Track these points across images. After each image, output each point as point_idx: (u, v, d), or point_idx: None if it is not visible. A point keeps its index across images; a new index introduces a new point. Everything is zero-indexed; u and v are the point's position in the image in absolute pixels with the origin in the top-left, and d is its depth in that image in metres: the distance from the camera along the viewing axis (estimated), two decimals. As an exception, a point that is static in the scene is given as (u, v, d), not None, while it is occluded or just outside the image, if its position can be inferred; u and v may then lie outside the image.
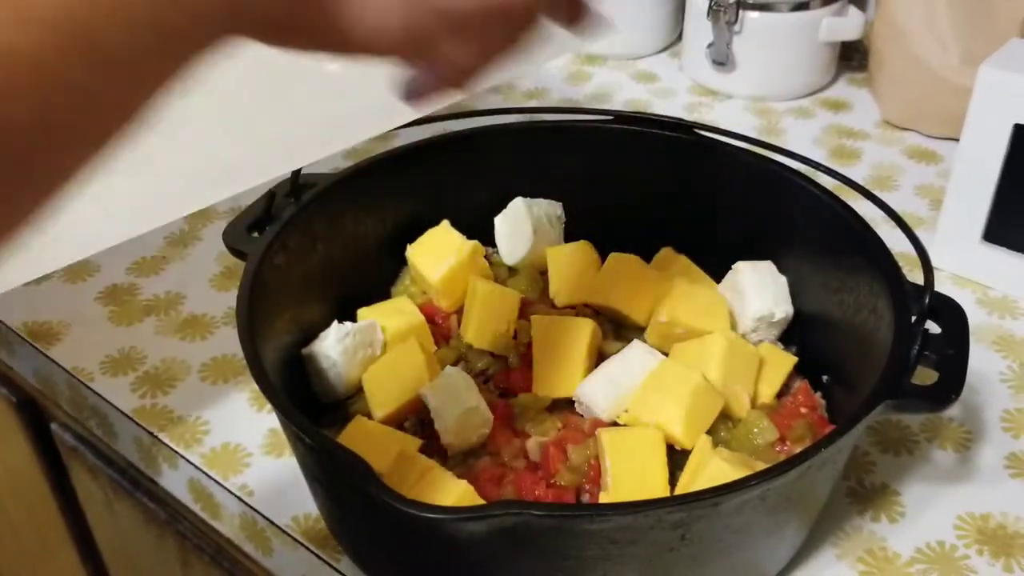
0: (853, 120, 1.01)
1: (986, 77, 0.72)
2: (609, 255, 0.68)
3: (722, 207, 0.69)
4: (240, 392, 0.68)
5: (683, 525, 0.46)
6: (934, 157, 0.95)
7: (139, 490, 0.78)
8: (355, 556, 0.57)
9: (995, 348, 0.72)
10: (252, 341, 0.52)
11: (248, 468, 0.63)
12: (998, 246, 0.76)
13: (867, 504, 0.60)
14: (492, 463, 0.56)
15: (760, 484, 0.45)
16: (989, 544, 0.58)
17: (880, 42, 0.99)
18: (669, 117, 0.70)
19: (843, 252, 0.61)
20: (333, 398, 0.62)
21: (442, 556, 0.50)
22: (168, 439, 0.65)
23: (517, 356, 0.63)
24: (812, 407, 0.60)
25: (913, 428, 0.65)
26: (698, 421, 0.56)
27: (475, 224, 0.70)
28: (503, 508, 0.43)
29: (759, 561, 0.53)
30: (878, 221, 0.61)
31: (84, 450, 0.82)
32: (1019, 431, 0.65)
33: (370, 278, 0.68)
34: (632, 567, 0.47)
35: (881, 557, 0.57)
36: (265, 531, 0.61)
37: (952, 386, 0.50)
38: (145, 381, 0.69)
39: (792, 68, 1.03)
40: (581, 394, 0.59)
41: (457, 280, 0.66)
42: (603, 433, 0.55)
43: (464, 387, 0.57)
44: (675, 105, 1.05)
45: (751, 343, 0.63)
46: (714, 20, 1.01)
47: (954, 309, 0.55)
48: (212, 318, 0.75)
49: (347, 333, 0.61)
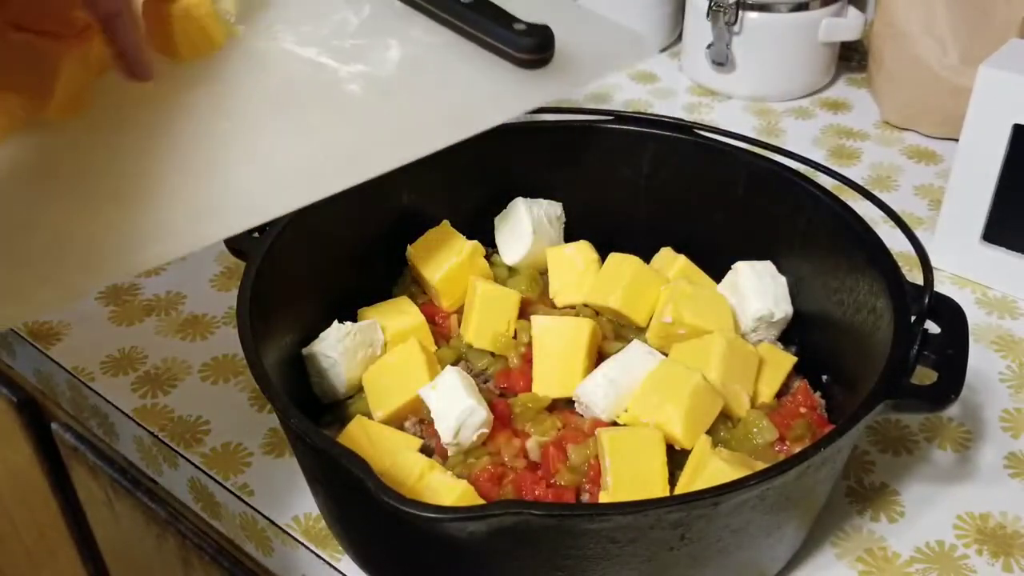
0: (852, 120, 1.01)
1: (985, 77, 0.72)
2: (609, 255, 0.68)
3: (722, 207, 0.69)
4: (240, 392, 0.68)
5: (683, 524, 0.46)
6: (933, 157, 0.95)
7: (139, 490, 0.78)
8: (355, 556, 0.57)
9: (995, 348, 0.72)
10: (252, 341, 0.53)
11: (248, 468, 0.63)
12: (997, 246, 0.76)
13: (867, 504, 0.60)
14: (492, 463, 0.56)
15: (759, 484, 0.45)
16: (988, 544, 0.58)
17: (879, 42, 0.99)
18: (669, 117, 0.70)
19: (843, 252, 0.61)
20: (333, 398, 0.62)
21: (442, 556, 0.50)
22: (168, 439, 0.65)
23: (517, 356, 0.63)
24: (812, 407, 0.60)
25: (913, 428, 0.65)
26: (698, 421, 0.56)
27: (475, 224, 0.70)
28: (503, 508, 0.43)
29: (759, 560, 0.53)
30: (878, 221, 0.61)
31: (85, 450, 0.82)
32: (1018, 431, 0.65)
33: (370, 278, 0.69)
34: (632, 566, 0.47)
35: (880, 557, 0.57)
36: (265, 531, 0.61)
37: (951, 386, 0.51)
38: (145, 381, 0.69)
39: (791, 68, 1.04)
40: (581, 394, 0.59)
41: (457, 280, 0.66)
42: (603, 433, 0.55)
43: (464, 387, 0.57)
44: (675, 105, 1.05)
45: (751, 343, 0.63)
46: (714, 21, 1.01)
47: (954, 309, 0.55)
48: (212, 318, 0.75)
49: (347, 333, 0.61)
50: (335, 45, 0.65)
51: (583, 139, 0.71)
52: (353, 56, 0.64)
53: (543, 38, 0.62)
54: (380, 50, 0.65)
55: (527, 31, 0.62)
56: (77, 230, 0.51)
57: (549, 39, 0.63)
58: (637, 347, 0.61)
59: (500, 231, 0.71)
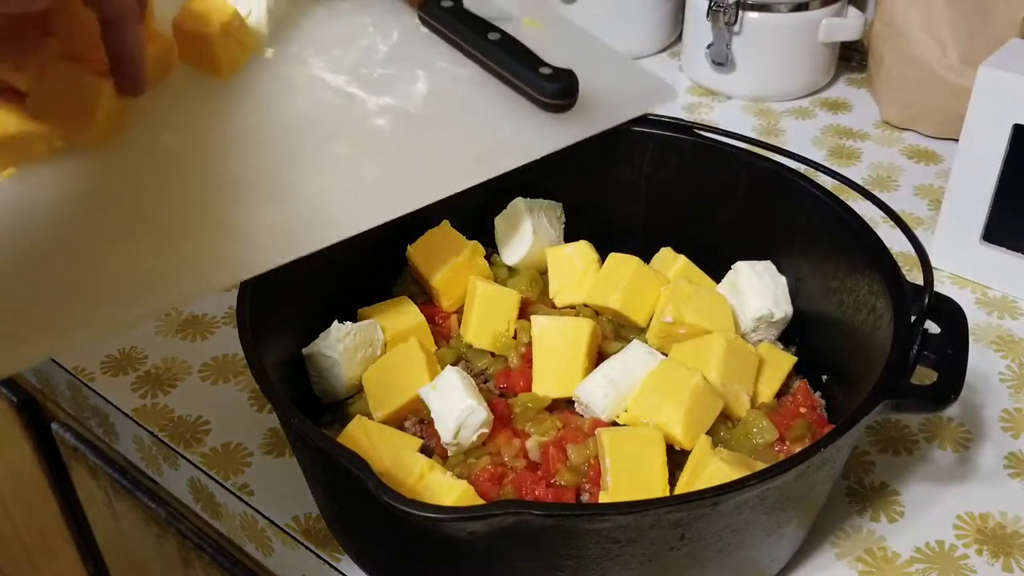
0: (852, 120, 1.01)
1: (985, 77, 0.72)
2: (609, 255, 0.68)
3: (722, 207, 0.69)
4: (240, 392, 0.68)
5: (683, 524, 0.46)
6: (933, 157, 0.95)
7: (140, 490, 0.78)
8: (355, 556, 0.57)
9: (994, 348, 0.72)
10: (252, 341, 0.53)
11: (248, 468, 0.63)
12: (997, 246, 0.76)
13: (866, 504, 0.60)
14: (492, 463, 0.56)
15: (759, 484, 0.45)
16: (988, 544, 0.58)
17: (879, 42, 0.99)
18: (669, 117, 0.70)
19: (843, 252, 0.61)
20: (333, 398, 0.62)
21: (442, 556, 0.50)
22: (168, 439, 0.65)
23: (517, 356, 0.63)
24: (811, 407, 0.60)
25: (912, 428, 0.66)
26: (698, 422, 0.56)
27: (475, 224, 0.70)
28: (503, 508, 0.43)
29: (759, 560, 0.53)
30: (878, 221, 0.61)
31: (85, 450, 0.82)
32: (1018, 431, 0.65)
33: (370, 278, 0.68)
34: (632, 566, 0.47)
35: (880, 557, 0.57)
36: (265, 531, 0.61)
37: (951, 386, 0.51)
38: (146, 381, 0.69)
39: (791, 68, 1.04)
40: (581, 394, 0.59)
41: (457, 280, 0.66)
42: (603, 433, 0.55)
43: (464, 387, 0.57)
44: (675, 105, 1.05)
45: (751, 343, 0.63)
46: (714, 21, 1.01)
47: (953, 309, 0.55)
48: (212, 318, 0.75)
49: (347, 333, 0.61)
50: (363, 74, 0.65)
51: (583, 139, 0.71)
52: (382, 87, 0.64)
53: (568, 84, 0.63)
54: (407, 82, 0.65)
55: (552, 76, 0.63)
56: (109, 260, 0.52)
57: (573, 85, 0.63)
58: (637, 347, 0.61)
59: (500, 231, 0.71)
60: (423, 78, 0.65)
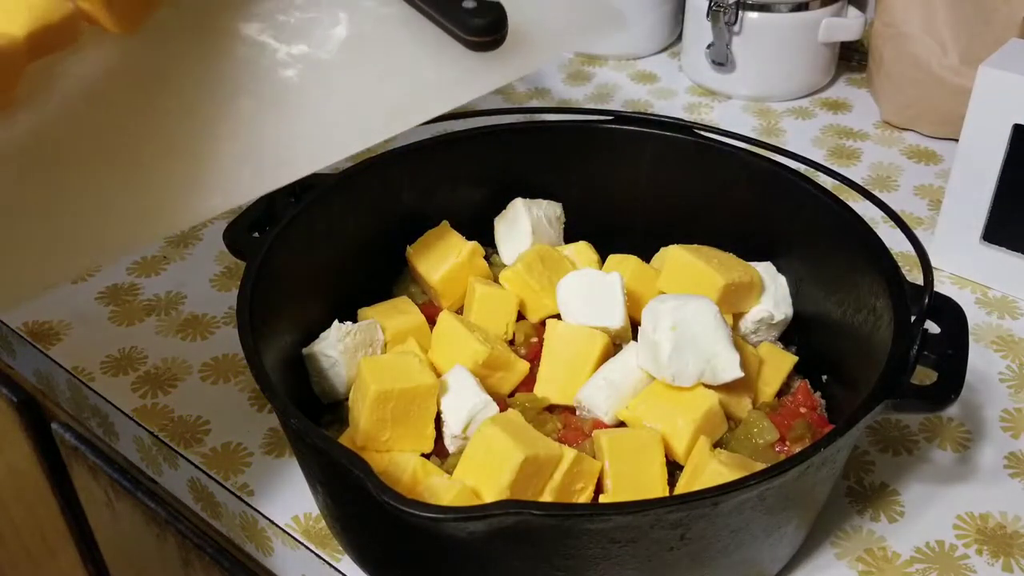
0: (852, 120, 1.01)
1: (985, 77, 0.72)
2: (609, 255, 0.68)
3: (722, 207, 0.69)
4: (240, 392, 0.68)
5: (683, 525, 0.46)
6: (933, 157, 0.95)
7: (140, 490, 0.78)
8: (355, 556, 0.57)
9: (995, 348, 0.72)
10: (253, 341, 0.53)
11: (248, 468, 0.63)
12: (997, 246, 0.76)
13: (866, 504, 0.60)
14: (492, 463, 0.56)
15: (759, 484, 0.45)
16: (988, 544, 0.58)
17: (879, 42, 0.99)
18: (669, 117, 0.70)
19: (843, 252, 0.61)
20: (333, 398, 0.62)
21: (442, 556, 0.50)
22: (168, 439, 0.65)
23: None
24: (812, 407, 0.60)
25: (912, 428, 0.66)
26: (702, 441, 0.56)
27: (475, 224, 0.70)
28: (503, 508, 0.43)
29: (759, 560, 0.53)
30: (878, 221, 0.61)
31: (85, 450, 0.82)
32: (1018, 431, 0.65)
33: (370, 278, 0.69)
34: (632, 566, 0.47)
35: (880, 557, 0.57)
36: (265, 531, 0.61)
37: (951, 386, 0.51)
38: (145, 381, 0.69)
39: (791, 68, 1.04)
40: (582, 398, 0.59)
41: (457, 280, 0.66)
42: (602, 435, 0.55)
43: (476, 383, 0.57)
44: (675, 105, 1.05)
45: (751, 344, 0.63)
46: (714, 21, 1.01)
47: (954, 309, 0.55)
48: (212, 318, 0.75)
49: (347, 333, 0.61)
50: (280, 21, 0.60)
51: (583, 139, 0.71)
52: (296, 34, 0.60)
53: (494, 19, 0.57)
54: (326, 26, 0.60)
55: (476, 10, 0.58)
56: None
57: (501, 19, 0.58)
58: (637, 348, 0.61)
59: (500, 231, 0.71)
60: (344, 21, 0.61)
